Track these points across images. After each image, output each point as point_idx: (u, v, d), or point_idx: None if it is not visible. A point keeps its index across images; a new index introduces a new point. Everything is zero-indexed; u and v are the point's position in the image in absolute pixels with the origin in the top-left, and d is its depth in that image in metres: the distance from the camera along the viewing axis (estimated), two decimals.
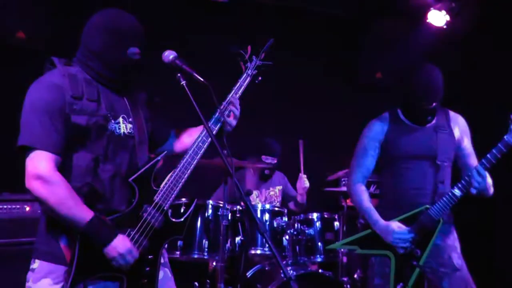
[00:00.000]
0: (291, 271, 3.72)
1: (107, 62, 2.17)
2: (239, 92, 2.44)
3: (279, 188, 4.88)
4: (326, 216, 4.09)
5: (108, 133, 2.14)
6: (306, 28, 5.65)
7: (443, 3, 5.03)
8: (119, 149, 2.17)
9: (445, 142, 2.98)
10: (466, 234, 3.13)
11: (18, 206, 3.64)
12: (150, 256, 2.17)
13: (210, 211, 3.77)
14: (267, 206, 4.02)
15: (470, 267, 2.96)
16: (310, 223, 4.03)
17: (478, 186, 2.77)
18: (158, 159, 2.22)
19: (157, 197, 2.19)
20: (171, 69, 2.17)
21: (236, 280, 3.90)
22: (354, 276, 4.50)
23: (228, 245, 3.70)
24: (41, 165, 1.98)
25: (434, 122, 3.03)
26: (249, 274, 3.96)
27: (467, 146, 3.07)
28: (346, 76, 5.84)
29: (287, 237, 3.92)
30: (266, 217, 3.93)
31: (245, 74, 2.48)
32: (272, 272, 3.86)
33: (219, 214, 3.56)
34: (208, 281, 3.99)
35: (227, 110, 2.35)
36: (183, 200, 3.33)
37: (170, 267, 2.39)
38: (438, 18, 5.17)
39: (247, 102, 2.51)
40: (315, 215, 4.07)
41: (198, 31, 5.17)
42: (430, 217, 2.85)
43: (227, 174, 3.38)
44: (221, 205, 3.66)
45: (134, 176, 2.16)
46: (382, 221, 2.91)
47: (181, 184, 2.23)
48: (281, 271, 3.63)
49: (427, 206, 2.88)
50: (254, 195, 4.68)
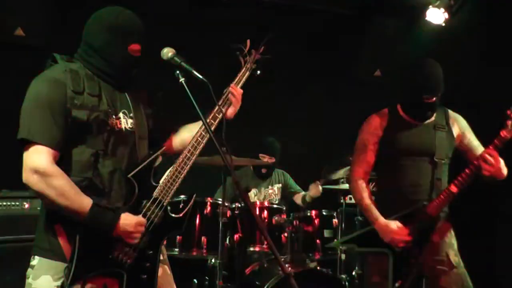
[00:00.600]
0: (290, 268, 3.72)
1: (108, 59, 2.17)
2: (238, 86, 2.42)
3: (278, 186, 4.88)
4: (324, 213, 4.11)
5: (108, 128, 2.13)
6: (305, 24, 5.64)
7: (442, 1, 5.03)
8: (120, 144, 2.17)
9: (443, 140, 2.98)
10: (464, 231, 3.14)
11: (17, 203, 3.64)
12: (150, 251, 2.17)
13: (208, 208, 3.77)
14: (266, 203, 4.02)
15: (467, 265, 2.96)
16: (308, 220, 4.04)
17: (491, 170, 2.75)
18: (157, 155, 2.22)
19: (156, 192, 2.19)
20: (170, 66, 2.18)
21: (234, 277, 3.91)
22: (353, 273, 4.52)
23: (226, 242, 3.70)
24: (38, 158, 1.98)
25: (433, 119, 3.03)
26: (247, 271, 3.97)
27: (471, 139, 3.06)
28: (345, 72, 5.84)
29: (286, 234, 3.93)
30: (265, 214, 3.94)
31: (244, 68, 2.46)
32: (270, 269, 3.87)
33: (218, 211, 3.57)
34: (206, 278, 4.00)
35: (226, 102, 2.35)
36: (182, 196, 3.33)
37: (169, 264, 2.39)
38: (436, 16, 5.18)
39: (246, 99, 2.50)
40: (314, 213, 4.08)
41: (198, 27, 5.16)
42: (427, 214, 2.86)
43: (226, 172, 3.39)
44: (219, 202, 3.66)
45: (134, 172, 2.16)
46: (382, 219, 2.90)
47: (180, 179, 2.22)
48: (279, 268, 3.65)
49: (425, 203, 2.89)
50: (252, 194, 4.69)
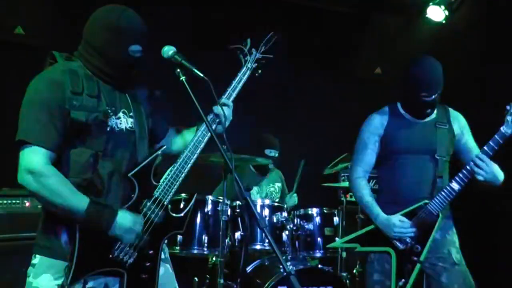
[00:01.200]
0: (291, 266, 3.72)
1: (108, 59, 2.15)
2: (239, 86, 2.41)
3: (279, 184, 4.88)
4: (325, 211, 4.10)
5: (108, 129, 2.13)
6: (305, 22, 5.64)
7: None
8: (120, 145, 2.16)
9: (444, 137, 2.97)
10: (465, 229, 3.13)
11: (18, 201, 3.65)
12: (151, 251, 2.16)
13: (209, 206, 3.76)
14: (267, 201, 4.02)
15: (469, 262, 2.96)
16: (309, 218, 4.04)
17: (483, 174, 2.77)
18: (157, 154, 2.22)
19: (157, 192, 2.18)
20: (171, 64, 2.17)
21: (235, 275, 3.90)
22: (353, 271, 4.52)
23: (227, 240, 3.70)
24: (33, 160, 1.98)
25: (433, 117, 3.02)
26: (248, 269, 3.96)
27: (469, 141, 3.06)
28: (345, 70, 5.84)
29: (287, 232, 3.92)
30: (266, 212, 3.93)
31: (244, 68, 2.45)
32: (271, 267, 3.87)
33: (219, 209, 3.56)
34: (207, 276, 3.99)
35: (215, 122, 2.28)
36: (183, 195, 3.33)
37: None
38: (437, 13, 5.17)
39: (246, 97, 2.49)
40: (315, 210, 4.07)
41: (198, 25, 5.16)
42: (429, 212, 2.85)
43: (227, 170, 3.38)
44: (220, 200, 3.66)
45: (134, 171, 2.16)
46: (383, 215, 2.90)
47: (181, 178, 2.22)
48: (280, 266, 3.64)
49: (426, 201, 2.88)
50: (254, 191, 4.68)
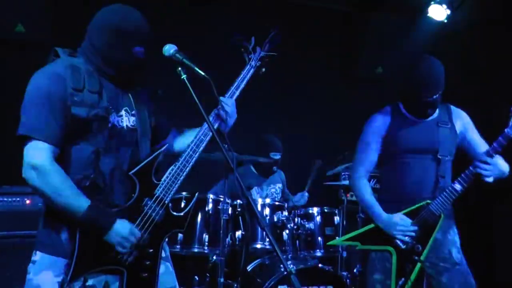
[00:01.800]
0: (291, 265, 3.72)
1: (110, 60, 2.15)
2: (242, 84, 2.40)
3: (280, 185, 4.87)
4: (326, 210, 4.10)
5: (109, 125, 2.12)
6: (306, 22, 5.63)
7: None
8: (121, 142, 2.16)
9: (446, 136, 2.97)
10: (465, 228, 3.13)
11: (19, 199, 3.64)
12: (151, 250, 2.16)
13: (210, 205, 3.76)
14: (268, 201, 4.01)
15: (469, 261, 2.96)
16: (310, 218, 4.03)
17: (491, 175, 2.80)
18: (159, 152, 2.21)
19: (158, 190, 2.17)
20: (172, 62, 2.16)
21: (236, 274, 3.90)
22: (354, 270, 4.51)
23: (228, 239, 3.69)
24: (37, 155, 1.97)
25: (435, 116, 3.02)
26: (249, 268, 3.96)
27: (474, 136, 3.05)
28: (346, 70, 5.83)
29: (287, 231, 3.91)
30: (267, 211, 3.91)
31: (248, 66, 2.44)
32: (272, 266, 3.86)
33: (220, 208, 3.56)
34: (208, 275, 3.99)
35: (217, 118, 2.30)
36: (184, 193, 3.32)
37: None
38: (438, 12, 5.16)
39: (247, 97, 2.48)
40: (315, 210, 4.07)
41: (200, 24, 5.15)
42: (431, 212, 2.85)
43: (228, 169, 3.37)
44: (221, 199, 3.65)
45: (135, 169, 2.15)
46: (384, 214, 2.90)
47: (182, 177, 2.21)
48: (281, 265, 3.64)
49: (428, 201, 2.88)
50: (254, 191, 4.67)
